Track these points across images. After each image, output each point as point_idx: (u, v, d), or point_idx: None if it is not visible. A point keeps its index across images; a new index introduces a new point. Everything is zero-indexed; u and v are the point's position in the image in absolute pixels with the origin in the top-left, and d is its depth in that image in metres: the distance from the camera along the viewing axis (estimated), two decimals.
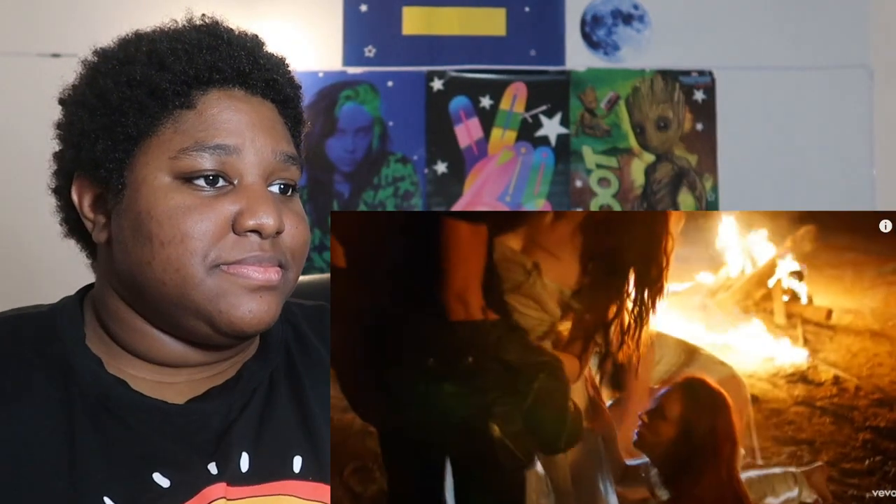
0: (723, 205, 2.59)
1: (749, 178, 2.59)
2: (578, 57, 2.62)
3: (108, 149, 0.75)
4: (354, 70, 2.57)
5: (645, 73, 2.62)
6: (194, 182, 0.74)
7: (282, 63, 0.83)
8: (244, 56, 0.78)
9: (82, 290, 0.85)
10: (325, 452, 0.79)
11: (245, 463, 0.76)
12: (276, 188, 0.78)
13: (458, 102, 2.59)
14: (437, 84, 2.58)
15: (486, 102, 2.59)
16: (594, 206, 2.58)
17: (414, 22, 2.59)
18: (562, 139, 2.60)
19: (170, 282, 0.73)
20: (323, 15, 2.56)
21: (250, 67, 0.78)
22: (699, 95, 2.62)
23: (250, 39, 0.81)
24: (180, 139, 0.74)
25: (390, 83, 2.57)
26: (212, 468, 0.75)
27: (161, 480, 0.73)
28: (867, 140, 2.61)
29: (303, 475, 0.78)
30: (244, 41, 0.80)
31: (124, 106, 0.74)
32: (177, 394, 0.78)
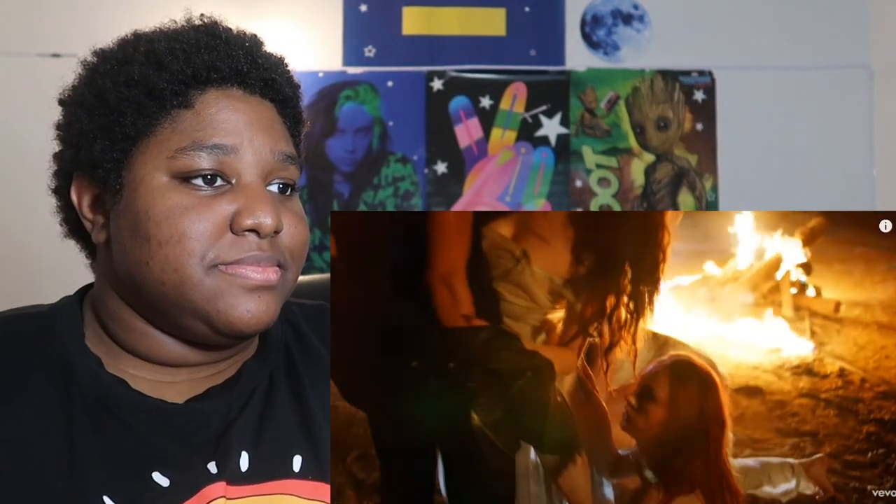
0: (723, 205, 2.59)
1: (749, 178, 2.59)
2: (578, 57, 2.62)
3: (107, 149, 0.75)
4: (354, 70, 2.57)
5: (645, 73, 2.62)
6: (192, 182, 0.73)
7: (280, 62, 0.83)
8: (242, 55, 0.77)
9: (82, 290, 0.85)
10: (325, 451, 0.79)
11: (245, 462, 0.76)
12: (275, 188, 0.78)
13: (458, 102, 2.59)
14: (437, 84, 2.58)
15: (486, 102, 2.59)
16: (594, 206, 2.58)
17: (414, 22, 2.59)
18: (562, 139, 2.60)
19: (168, 282, 0.73)
20: (323, 15, 2.56)
21: (248, 67, 0.78)
22: (699, 95, 2.62)
23: (249, 39, 0.81)
24: (178, 139, 0.74)
25: (390, 83, 2.57)
26: (211, 467, 0.75)
27: (161, 480, 0.73)
28: (867, 140, 2.61)
29: (303, 474, 0.78)
30: (242, 41, 0.80)
31: (122, 106, 0.74)
32: (176, 393, 0.78)
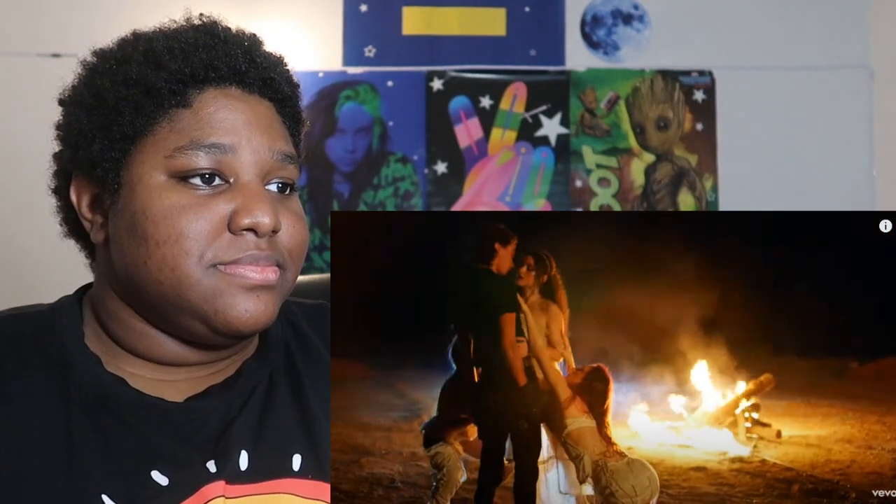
0: (723, 205, 2.59)
1: (749, 178, 2.60)
2: (578, 57, 2.62)
3: (105, 148, 0.75)
4: (354, 70, 2.57)
5: (645, 73, 2.62)
6: (190, 181, 0.73)
7: (279, 62, 0.83)
8: (241, 54, 0.77)
9: (81, 290, 0.85)
10: (325, 451, 0.79)
11: (244, 461, 0.76)
12: (274, 187, 0.78)
13: (458, 102, 2.59)
14: (437, 84, 2.58)
15: (486, 102, 2.59)
16: (594, 206, 2.58)
17: (414, 22, 2.59)
18: (562, 139, 2.60)
19: (166, 281, 0.73)
20: (323, 15, 2.56)
21: (247, 66, 0.77)
22: (699, 95, 2.62)
23: (248, 38, 0.81)
24: (176, 138, 0.74)
25: (390, 83, 2.57)
26: (210, 466, 0.75)
27: (160, 478, 0.73)
28: (867, 140, 2.61)
29: (302, 473, 0.78)
30: (241, 40, 0.79)
31: (120, 105, 0.74)
32: (176, 392, 0.78)
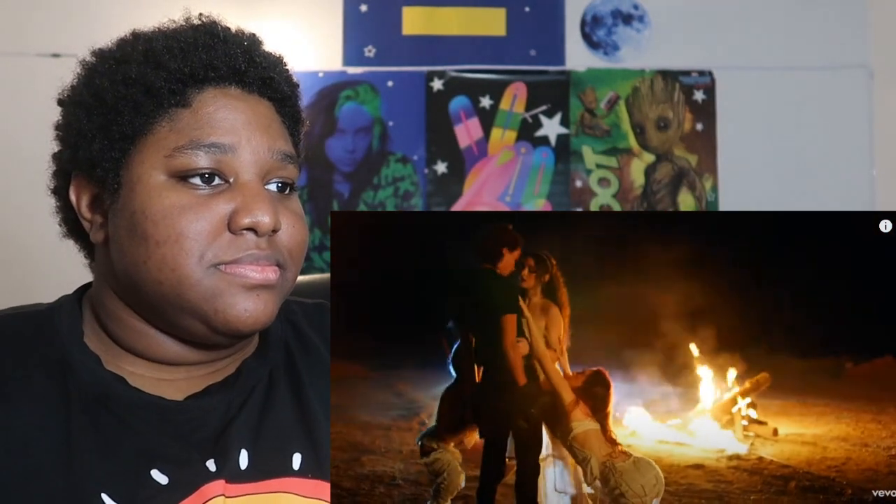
0: (723, 205, 2.59)
1: (749, 178, 2.59)
2: (578, 57, 2.62)
3: (105, 148, 0.75)
4: (354, 70, 2.57)
5: (645, 73, 2.62)
6: (189, 181, 0.73)
7: (279, 61, 0.83)
8: (240, 54, 0.77)
9: (80, 289, 0.85)
10: (325, 449, 0.80)
11: (244, 460, 0.76)
12: (274, 187, 0.78)
13: (458, 102, 2.59)
14: (437, 84, 2.58)
15: (486, 102, 2.59)
16: (594, 206, 2.58)
17: (414, 22, 2.59)
18: (562, 139, 2.60)
19: (165, 281, 0.73)
20: (323, 15, 2.56)
21: (246, 65, 0.77)
22: (699, 95, 2.62)
23: (247, 38, 0.81)
24: (175, 137, 0.74)
25: (390, 83, 2.57)
26: (210, 465, 0.75)
27: (159, 477, 0.73)
28: (867, 140, 2.61)
29: (302, 472, 0.78)
30: (241, 39, 0.80)
31: (120, 105, 0.74)
32: (175, 391, 0.78)
